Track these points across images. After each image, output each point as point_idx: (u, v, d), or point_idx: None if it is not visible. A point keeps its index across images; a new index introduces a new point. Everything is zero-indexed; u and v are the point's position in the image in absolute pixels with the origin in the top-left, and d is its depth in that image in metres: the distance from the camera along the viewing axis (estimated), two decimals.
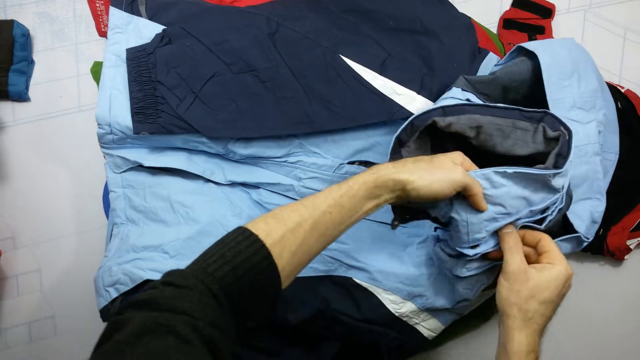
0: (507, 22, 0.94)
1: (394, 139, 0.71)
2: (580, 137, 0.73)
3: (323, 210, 0.57)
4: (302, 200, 0.58)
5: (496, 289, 0.64)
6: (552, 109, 0.73)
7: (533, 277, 0.62)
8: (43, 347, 0.90)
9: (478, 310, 0.88)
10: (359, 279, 0.79)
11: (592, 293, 0.93)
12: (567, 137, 0.65)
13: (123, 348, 0.42)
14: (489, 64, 0.84)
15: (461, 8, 0.87)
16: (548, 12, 0.94)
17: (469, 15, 0.87)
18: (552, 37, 0.93)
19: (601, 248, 0.89)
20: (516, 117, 0.67)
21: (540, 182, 0.64)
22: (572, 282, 0.64)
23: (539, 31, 0.94)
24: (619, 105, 0.88)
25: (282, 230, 0.54)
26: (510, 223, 0.65)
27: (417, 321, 0.80)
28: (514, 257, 0.63)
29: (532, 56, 0.76)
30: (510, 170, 0.63)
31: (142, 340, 0.42)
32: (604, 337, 0.94)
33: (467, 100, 0.73)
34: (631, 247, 0.89)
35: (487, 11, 0.95)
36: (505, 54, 0.88)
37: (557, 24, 0.95)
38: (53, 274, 0.91)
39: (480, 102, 0.74)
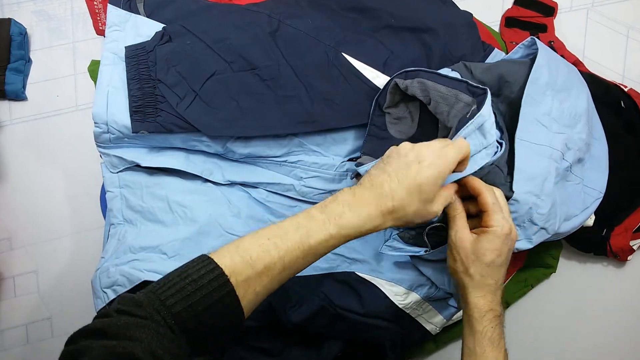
0: (509, 21, 0.94)
1: (373, 102, 0.76)
2: (542, 137, 0.73)
3: (295, 256, 0.55)
4: (274, 236, 0.55)
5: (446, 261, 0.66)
6: (525, 105, 0.73)
7: (473, 243, 0.63)
8: (40, 348, 0.90)
9: None
10: (362, 272, 0.78)
11: (595, 294, 0.93)
12: (468, 115, 0.64)
13: None
14: (495, 60, 0.83)
15: (463, 6, 0.87)
16: (550, 11, 0.94)
17: (471, 13, 0.86)
18: (555, 36, 0.93)
19: (604, 249, 0.88)
20: (461, 89, 0.67)
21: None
22: (515, 233, 0.65)
23: (542, 29, 0.93)
24: (622, 104, 0.88)
25: (248, 272, 0.52)
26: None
27: (420, 313, 0.80)
28: (453, 227, 0.64)
29: (532, 62, 0.76)
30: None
31: None
32: (606, 337, 0.93)
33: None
34: (634, 247, 0.88)
35: (490, 9, 0.95)
36: (507, 53, 0.87)
37: (560, 22, 0.95)
38: (50, 275, 0.91)
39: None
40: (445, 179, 0.60)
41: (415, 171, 0.58)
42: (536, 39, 0.78)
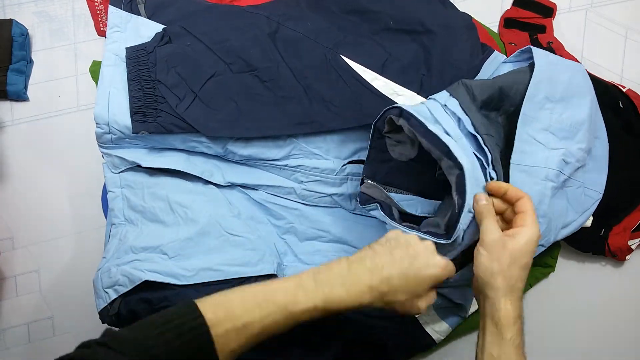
0: (508, 22, 0.94)
1: (372, 127, 0.74)
2: (538, 159, 0.73)
3: (276, 320, 0.55)
4: (260, 296, 0.55)
5: (475, 261, 0.64)
6: (521, 125, 0.72)
7: (511, 243, 0.62)
8: (42, 347, 0.90)
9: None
10: None
11: (593, 293, 0.93)
12: (457, 209, 0.66)
13: None
14: (494, 62, 0.82)
15: (462, 7, 0.87)
16: (549, 12, 0.94)
17: (470, 14, 0.86)
18: (554, 37, 0.93)
19: (602, 248, 0.88)
20: (443, 153, 0.67)
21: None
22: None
23: (540, 30, 0.93)
24: (620, 105, 0.88)
25: (227, 325, 0.53)
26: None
27: (427, 321, 0.79)
28: (491, 226, 0.63)
29: (533, 68, 0.75)
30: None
31: None
32: (605, 336, 0.93)
33: (445, 105, 0.72)
34: (632, 247, 0.88)
35: (488, 10, 0.95)
36: (506, 54, 0.87)
37: (558, 23, 0.95)
38: (52, 274, 0.91)
39: (457, 111, 0.72)
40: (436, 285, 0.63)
41: (421, 266, 0.60)
42: (533, 49, 0.76)
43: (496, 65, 0.82)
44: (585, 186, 0.81)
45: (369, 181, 0.78)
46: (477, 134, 0.70)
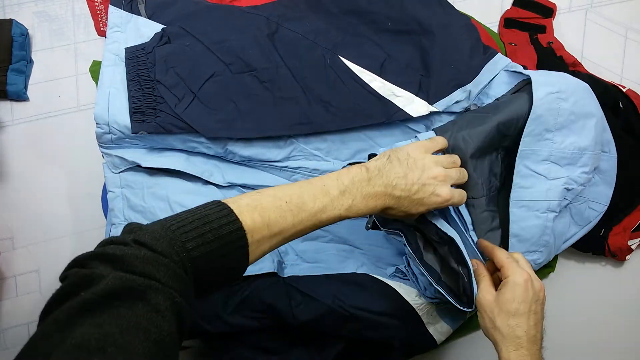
0: (508, 22, 0.94)
1: (367, 157, 0.74)
2: (538, 192, 0.73)
3: (306, 226, 0.58)
4: (291, 202, 0.57)
5: None
6: (520, 158, 0.72)
7: (498, 296, 0.65)
8: None
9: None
10: (377, 274, 0.79)
11: (593, 293, 0.93)
12: (467, 279, 0.69)
13: (91, 309, 0.40)
14: (495, 67, 0.80)
15: (462, 7, 0.87)
16: (549, 12, 0.94)
17: (469, 14, 0.86)
18: (554, 37, 0.93)
19: (602, 248, 0.88)
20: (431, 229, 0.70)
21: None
22: (539, 283, 0.66)
23: (540, 30, 0.93)
24: (621, 105, 0.88)
25: (264, 232, 0.54)
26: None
27: (430, 321, 0.79)
28: (481, 287, 0.67)
29: (531, 90, 0.73)
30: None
31: (113, 303, 0.41)
32: (605, 337, 0.93)
33: None
34: (632, 247, 0.88)
35: (488, 10, 0.95)
36: (506, 54, 0.87)
37: (558, 23, 0.95)
38: (52, 274, 0.91)
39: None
40: None
41: (426, 195, 0.64)
42: (532, 77, 0.73)
43: (497, 71, 0.80)
44: (590, 200, 0.81)
45: None
46: None
